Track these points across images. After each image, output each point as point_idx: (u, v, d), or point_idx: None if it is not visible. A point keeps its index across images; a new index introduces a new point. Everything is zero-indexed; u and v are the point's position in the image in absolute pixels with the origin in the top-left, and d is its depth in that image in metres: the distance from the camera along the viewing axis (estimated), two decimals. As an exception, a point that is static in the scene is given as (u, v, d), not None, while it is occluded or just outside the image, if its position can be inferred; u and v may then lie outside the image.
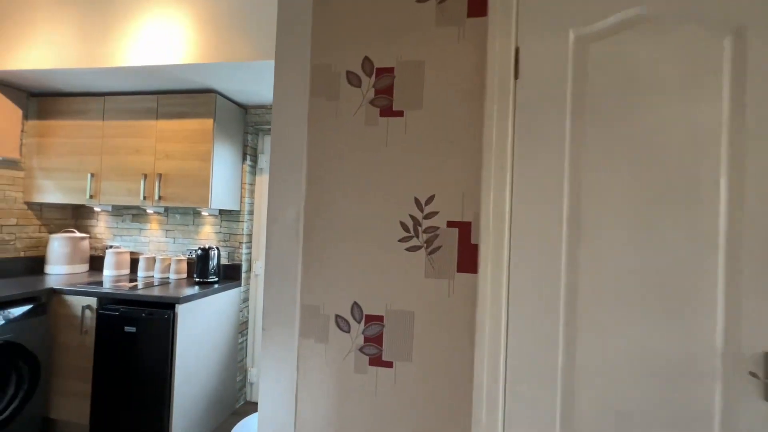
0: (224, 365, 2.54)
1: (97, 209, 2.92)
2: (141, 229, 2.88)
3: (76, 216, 2.98)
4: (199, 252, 2.54)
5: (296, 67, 1.19)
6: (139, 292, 2.19)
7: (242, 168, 2.75)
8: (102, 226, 2.94)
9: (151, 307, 2.15)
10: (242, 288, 2.75)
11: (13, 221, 2.58)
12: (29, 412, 2.09)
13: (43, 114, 2.61)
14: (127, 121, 2.50)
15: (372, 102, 1.14)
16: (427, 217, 1.10)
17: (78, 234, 2.77)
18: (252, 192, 2.84)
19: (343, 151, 1.16)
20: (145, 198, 2.44)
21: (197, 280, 2.53)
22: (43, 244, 2.76)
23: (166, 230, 2.85)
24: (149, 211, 2.84)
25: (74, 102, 2.56)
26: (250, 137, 2.79)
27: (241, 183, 2.75)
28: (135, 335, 2.13)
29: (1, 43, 2.24)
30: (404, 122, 1.12)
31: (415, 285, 1.10)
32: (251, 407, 2.75)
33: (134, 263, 2.84)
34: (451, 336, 1.07)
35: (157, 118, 2.46)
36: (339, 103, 1.17)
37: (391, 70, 1.13)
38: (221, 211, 2.78)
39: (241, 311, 2.74)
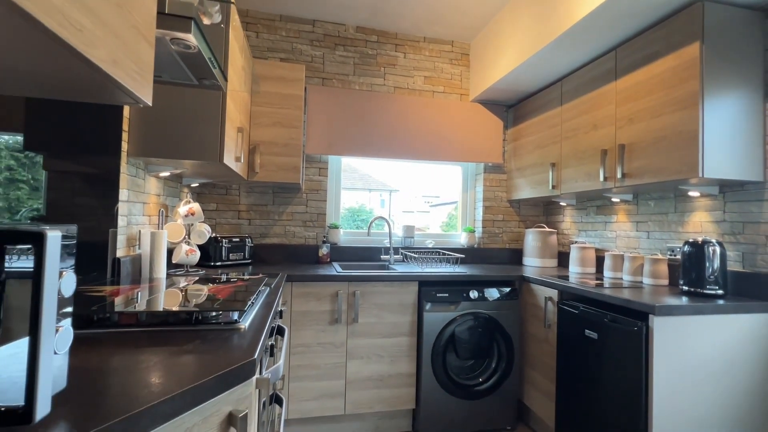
0: (745, 440, 1.51)
1: (562, 204, 2.85)
2: (606, 222, 2.46)
3: (546, 213, 3.07)
4: (686, 249, 1.72)
5: None
6: (604, 291, 1.75)
7: (764, 110, 1.63)
8: (568, 221, 2.82)
9: (615, 311, 1.65)
10: (776, 316, 1.57)
11: (500, 217, 3.03)
12: (506, 390, 2.22)
13: (516, 121, 2.91)
14: (582, 96, 2.21)
15: None
16: None
17: (547, 229, 2.80)
18: (789, 148, 1.61)
19: None
20: (605, 179, 2.01)
21: (685, 289, 1.72)
22: (521, 238, 3.04)
23: (636, 222, 2.24)
24: (614, 200, 2.37)
25: (537, 99, 2.65)
26: (777, 54, 1.61)
27: (764, 135, 1.62)
28: (596, 342, 1.71)
29: (483, 69, 2.71)
30: None
31: None
32: None
33: (600, 261, 2.45)
34: None
35: (616, 78, 1.98)
36: None
37: None
38: (723, 187, 1.78)
39: (776, 357, 1.57)
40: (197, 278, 1.58)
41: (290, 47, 2.68)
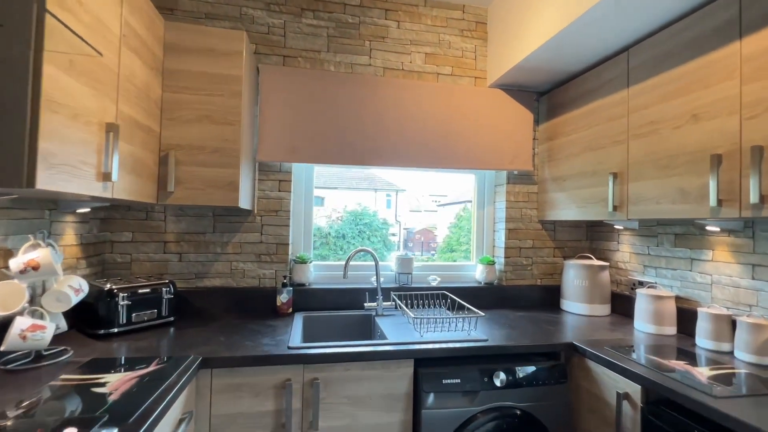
0: None
1: (618, 227, 2.06)
2: (693, 259, 1.67)
3: (591, 236, 2.29)
4: None
5: None
6: (725, 406, 0.97)
7: None
8: (626, 251, 2.03)
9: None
10: None
11: (529, 243, 2.25)
12: None
13: (552, 113, 2.13)
14: (668, 71, 1.42)
15: None
16: None
17: (596, 262, 2.02)
18: None
19: None
20: (719, 202, 1.22)
21: None
22: (557, 271, 2.26)
23: (752, 265, 1.45)
24: (710, 228, 1.58)
25: (585, 81, 1.86)
26: None
27: None
28: None
29: (507, 41, 1.93)
30: None
31: None
32: None
33: (684, 317, 1.67)
34: None
35: (740, 36, 1.19)
36: None
37: None
38: None
39: None
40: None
41: (237, 13, 1.93)
